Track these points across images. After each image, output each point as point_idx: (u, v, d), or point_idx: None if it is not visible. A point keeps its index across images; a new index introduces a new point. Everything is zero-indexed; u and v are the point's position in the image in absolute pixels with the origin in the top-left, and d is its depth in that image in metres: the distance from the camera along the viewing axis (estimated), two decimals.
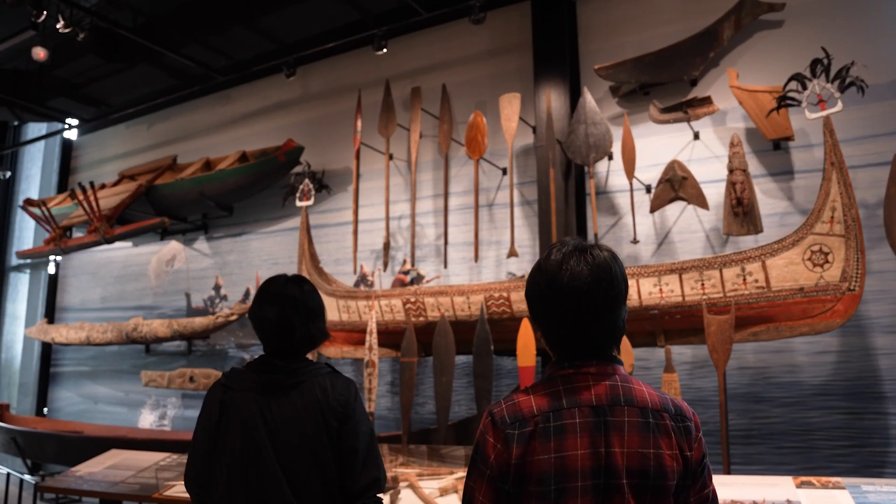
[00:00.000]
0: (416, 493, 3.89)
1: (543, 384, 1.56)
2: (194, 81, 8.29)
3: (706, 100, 5.36)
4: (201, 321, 7.42)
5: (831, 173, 4.27)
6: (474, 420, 5.36)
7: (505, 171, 6.54)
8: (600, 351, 1.55)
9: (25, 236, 11.07)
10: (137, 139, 10.09)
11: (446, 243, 6.28)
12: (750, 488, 3.57)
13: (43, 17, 6.01)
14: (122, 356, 9.28)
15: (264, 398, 2.18)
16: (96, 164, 10.52)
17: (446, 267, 6.37)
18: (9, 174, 11.14)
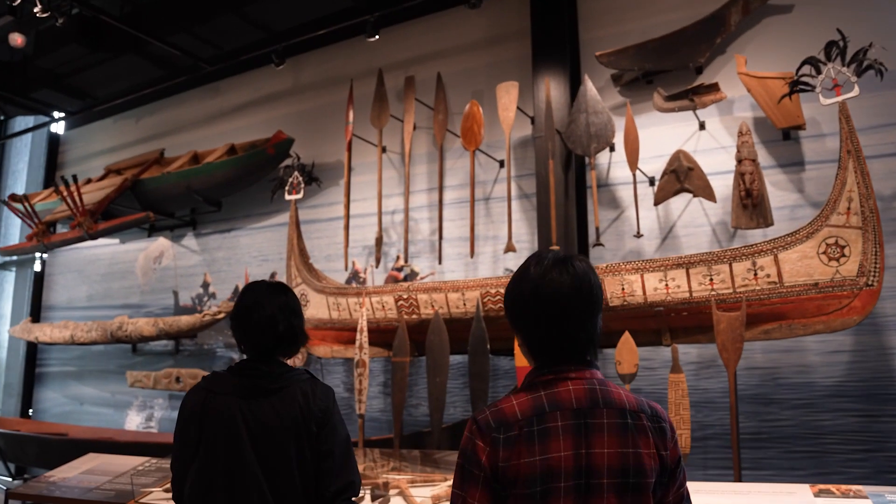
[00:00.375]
0: (407, 502, 3.64)
1: (525, 390, 1.62)
2: (181, 72, 8.03)
3: (713, 87, 5.11)
4: (188, 320, 7.16)
5: (847, 162, 4.03)
6: None
7: (502, 164, 6.30)
8: (579, 356, 1.63)
9: (11, 233, 10.80)
10: (125, 133, 9.85)
11: (441, 238, 6.02)
12: (765, 496, 3.33)
13: (19, 1, 5.74)
14: (109, 356, 9.03)
15: (246, 402, 2.21)
16: (84, 159, 10.29)
17: (441, 263, 6.12)
18: None
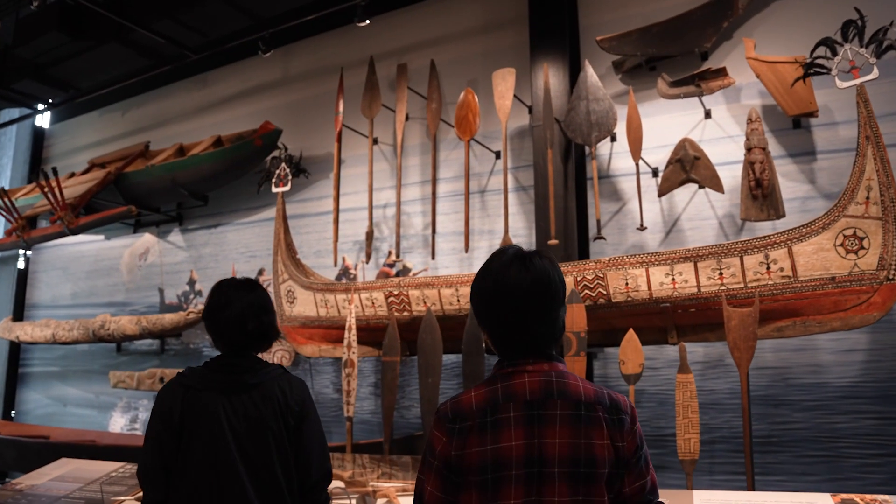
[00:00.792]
0: None
1: (486, 382, 1.69)
2: (167, 61, 7.74)
3: (720, 71, 4.85)
4: (171, 318, 6.89)
5: (866, 148, 3.78)
6: None
7: (498, 155, 6.04)
8: (539, 350, 1.67)
9: None
10: (112, 127, 9.58)
11: (434, 232, 5.76)
12: None
13: None
14: (93, 356, 8.75)
15: (226, 397, 2.26)
16: (69, 154, 10.01)
17: (434, 258, 5.85)
18: None
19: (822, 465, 4.45)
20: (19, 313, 9.80)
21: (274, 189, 6.08)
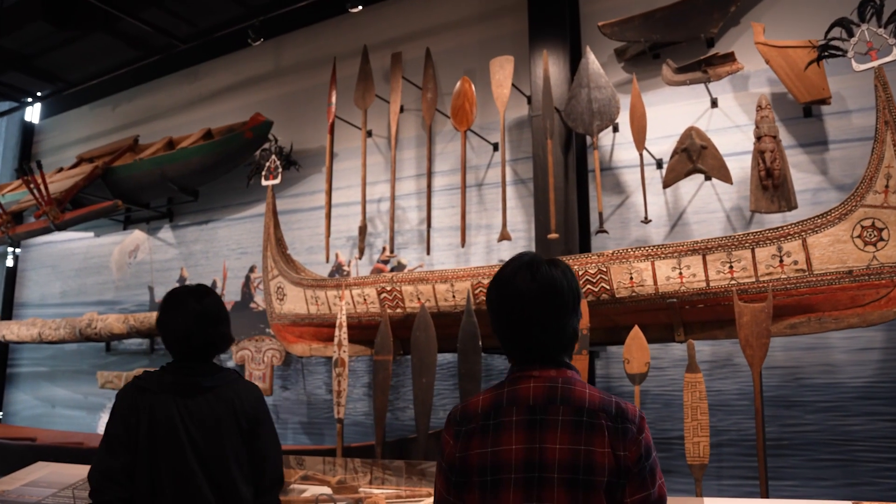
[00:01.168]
0: None
1: (495, 386, 1.71)
2: (155, 52, 7.52)
3: (728, 57, 4.63)
4: None
5: (885, 134, 3.57)
6: None
7: (496, 147, 5.82)
8: (547, 356, 1.67)
9: None
10: (102, 121, 9.38)
11: (429, 226, 5.54)
12: None
13: None
14: (82, 355, 8.53)
15: (183, 400, 2.28)
16: (59, 149, 9.80)
17: (429, 254, 5.63)
18: None
19: (837, 470, 4.24)
20: (8, 312, 9.59)
21: (264, 182, 5.86)
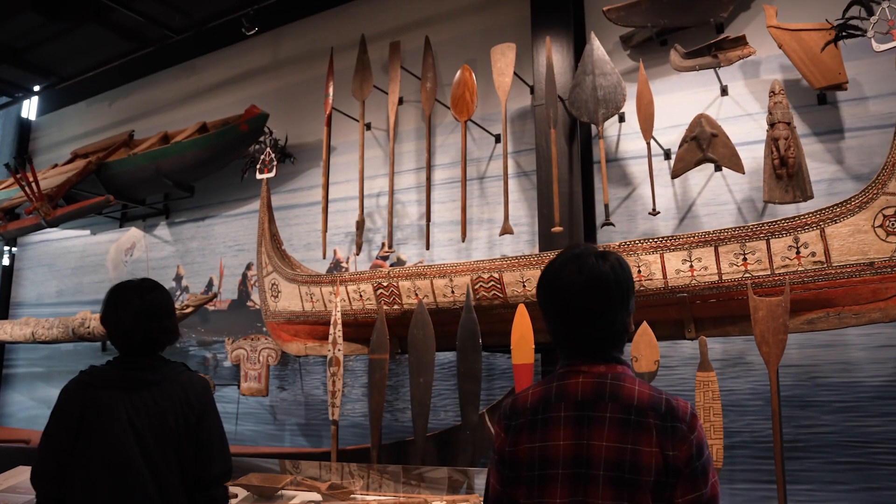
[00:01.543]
0: None
1: (544, 381, 1.70)
2: (149, 43, 7.36)
3: (739, 40, 4.43)
4: None
5: None
6: (460, 430, 4.38)
7: (498, 139, 5.63)
8: (596, 352, 1.65)
9: None
10: (99, 117, 9.25)
11: (429, 220, 5.35)
12: None
13: None
14: (78, 355, 8.36)
15: (128, 395, 2.27)
16: (56, 146, 9.68)
17: (428, 249, 5.43)
18: None
19: (855, 473, 4.04)
20: (4, 312, 9.45)
21: (258, 176, 5.68)
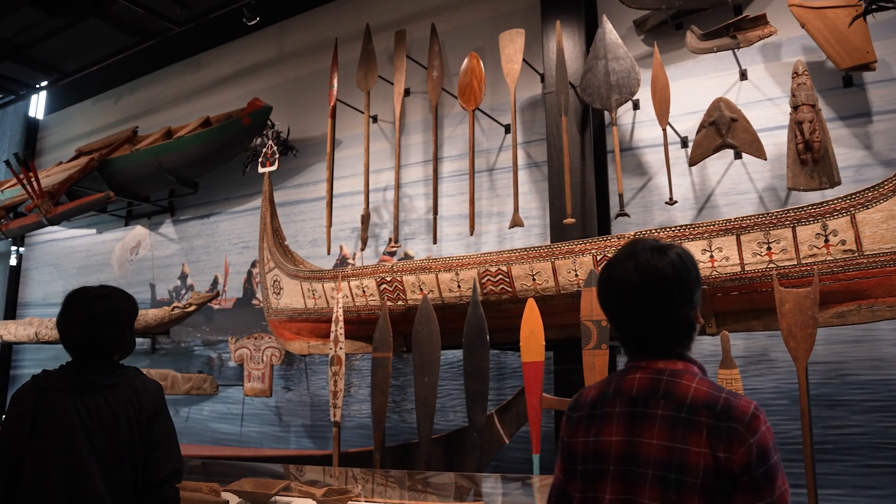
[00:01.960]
0: None
1: (608, 376, 1.69)
2: (151, 37, 7.22)
3: (759, 19, 4.20)
4: (155, 313, 6.35)
5: None
6: (467, 432, 4.17)
7: (508, 129, 5.43)
8: (659, 348, 1.60)
9: None
10: (105, 115, 9.17)
11: (436, 213, 5.16)
12: None
13: None
14: None
15: (80, 398, 2.29)
16: (63, 144, 9.62)
17: (436, 243, 5.24)
18: None
19: (888, 477, 3.81)
20: (11, 312, 9.38)
21: (260, 169, 5.52)
